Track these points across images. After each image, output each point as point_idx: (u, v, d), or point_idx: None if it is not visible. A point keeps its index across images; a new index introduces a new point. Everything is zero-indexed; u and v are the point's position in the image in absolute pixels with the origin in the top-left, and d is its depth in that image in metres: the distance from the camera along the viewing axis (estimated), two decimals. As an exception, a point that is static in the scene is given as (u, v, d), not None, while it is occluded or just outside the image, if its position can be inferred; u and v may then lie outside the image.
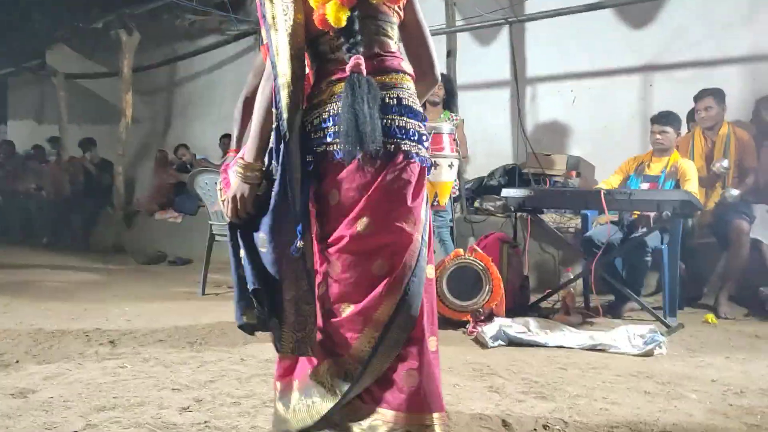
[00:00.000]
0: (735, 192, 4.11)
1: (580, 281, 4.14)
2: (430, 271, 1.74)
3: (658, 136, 4.01)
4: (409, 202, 1.67)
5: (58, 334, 3.23)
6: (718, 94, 4.33)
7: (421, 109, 1.76)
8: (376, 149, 1.61)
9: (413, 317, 1.63)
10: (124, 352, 2.88)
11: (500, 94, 6.18)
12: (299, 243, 1.62)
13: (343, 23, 1.67)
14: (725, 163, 4.20)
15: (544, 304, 4.11)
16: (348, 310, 1.64)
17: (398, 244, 1.64)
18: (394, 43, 1.80)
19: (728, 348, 3.15)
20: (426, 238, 1.71)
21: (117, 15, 7.93)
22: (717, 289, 4.17)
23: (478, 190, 5.80)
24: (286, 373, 1.75)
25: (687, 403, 2.24)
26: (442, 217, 4.80)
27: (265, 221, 1.63)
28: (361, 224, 1.62)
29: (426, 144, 1.74)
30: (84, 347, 2.96)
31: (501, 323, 3.33)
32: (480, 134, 6.06)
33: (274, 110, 1.65)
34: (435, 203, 4.14)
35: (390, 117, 1.67)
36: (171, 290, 4.90)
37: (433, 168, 3.96)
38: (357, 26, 1.70)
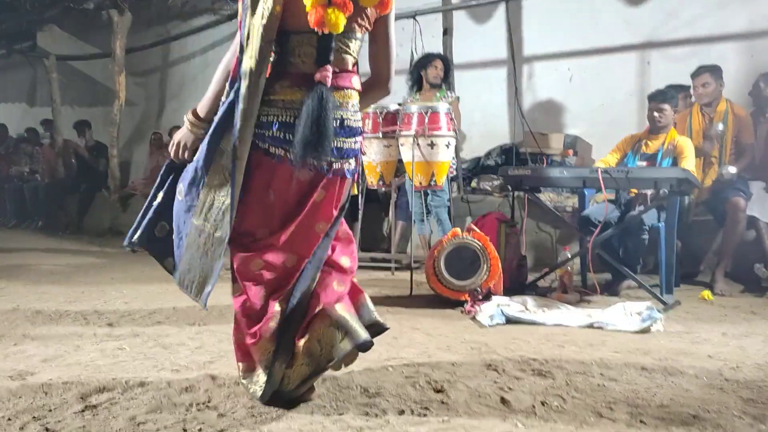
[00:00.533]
0: (732, 169, 4.11)
1: (577, 260, 4.15)
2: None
3: (656, 114, 3.99)
4: (332, 213, 1.89)
5: (55, 316, 3.22)
6: (715, 71, 4.31)
7: (360, 123, 1.93)
8: (321, 163, 1.79)
9: (306, 293, 1.87)
10: (123, 333, 2.88)
11: (497, 73, 6.14)
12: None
13: (341, 30, 1.74)
14: (720, 126, 4.18)
15: (541, 283, 4.12)
16: (260, 294, 1.86)
17: (311, 244, 1.88)
18: (353, 59, 1.91)
19: (724, 324, 3.17)
20: (333, 234, 1.93)
21: (109, -6, 7.83)
22: (713, 266, 4.19)
23: (475, 170, 5.79)
24: (246, 357, 1.94)
25: (684, 378, 2.25)
26: (439, 196, 4.80)
27: (186, 176, 1.87)
28: (288, 234, 1.84)
29: (357, 156, 1.94)
30: (82, 329, 2.96)
31: (499, 302, 3.35)
32: (477, 113, 6.03)
33: (227, 89, 1.79)
34: (432, 183, 4.14)
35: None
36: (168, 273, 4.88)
37: (430, 148, 3.99)
38: (333, 39, 1.78)
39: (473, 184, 5.62)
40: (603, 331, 3.02)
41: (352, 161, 1.91)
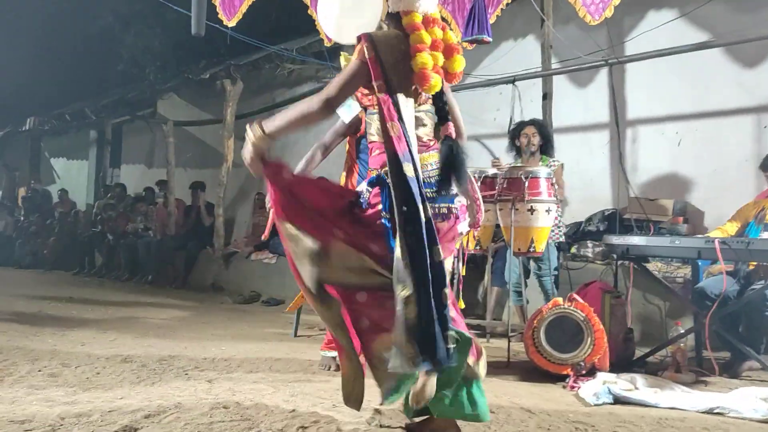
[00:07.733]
0: None
1: (691, 336, 3.84)
2: None
3: (771, 186, 3.72)
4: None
5: (159, 370, 3.33)
6: None
7: None
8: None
9: None
10: (221, 392, 2.91)
11: (598, 137, 5.98)
12: None
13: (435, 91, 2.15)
14: None
15: (651, 359, 3.83)
16: None
17: None
18: None
19: None
20: None
21: (224, 66, 8.43)
22: None
23: (575, 236, 5.58)
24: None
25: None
26: (544, 263, 4.62)
27: None
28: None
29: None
30: (183, 384, 3.03)
31: (605, 379, 3.14)
32: (576, 178, 5.86)
33: (407, 164, 2.00)
34: (531, 249, 4.02)
35: None
36: (265, 330, 4.98)
37: (529, 213, 3.90)
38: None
39: (573, 250, 5.41)
40: (724, 418, 2.74)
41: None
